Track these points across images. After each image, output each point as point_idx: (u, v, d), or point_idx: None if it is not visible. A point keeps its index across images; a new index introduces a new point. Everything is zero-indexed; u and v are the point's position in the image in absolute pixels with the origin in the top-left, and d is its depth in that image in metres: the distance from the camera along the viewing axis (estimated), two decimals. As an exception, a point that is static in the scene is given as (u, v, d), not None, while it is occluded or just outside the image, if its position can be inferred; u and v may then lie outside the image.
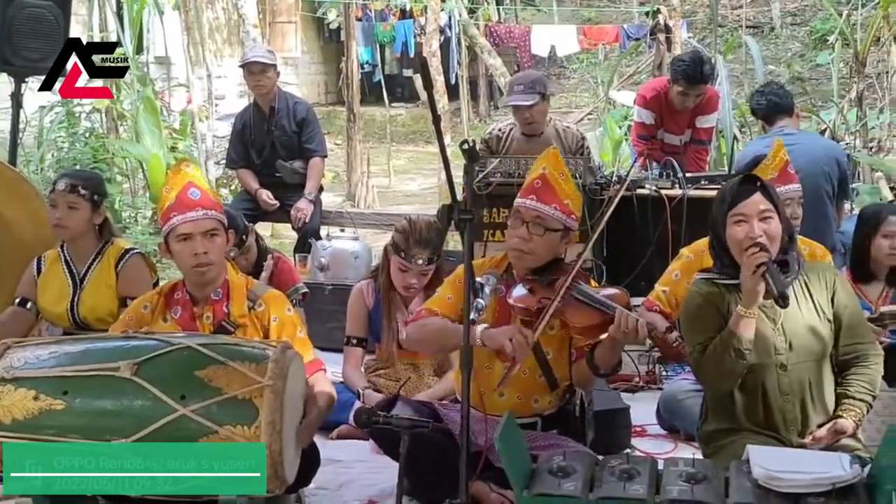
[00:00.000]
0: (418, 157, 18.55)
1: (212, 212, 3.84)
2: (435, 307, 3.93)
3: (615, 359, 3.77)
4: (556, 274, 3.82)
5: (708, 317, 3.73)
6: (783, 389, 3.67)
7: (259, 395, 3.18)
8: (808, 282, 3.76)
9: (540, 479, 3.15)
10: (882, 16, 10.00)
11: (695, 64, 6.87)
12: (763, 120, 6.58)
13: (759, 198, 3.66)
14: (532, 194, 3.84)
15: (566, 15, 22.23)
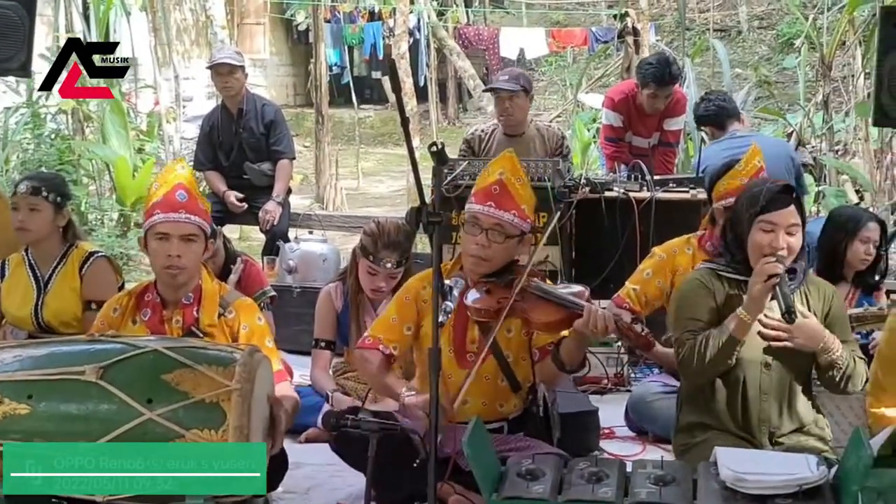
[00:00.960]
0: (387, 160, 18.52)
1: (195, 217, 3.81)
2: (380, 334, 3.90)
3: (581, 354, 3.77)
4: (512, 275, 3.81)
5: (702, 304, 3.75)
6: (763, 388, 3.71)
7: (226, 399, 3.17)
8: (809, 293, 3.79)
9: (509, 482, 3.15)
10: (847, 20, 10.07)
11: (662, 65, 6.91)
12: (713, 126, 6.65)
13: (792, 210, 3.66)
14: (490, 201, 3.79)
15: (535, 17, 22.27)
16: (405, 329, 3.90)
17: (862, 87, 10.47)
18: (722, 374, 3.71)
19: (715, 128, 6.65)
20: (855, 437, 3.06)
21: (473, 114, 21.45)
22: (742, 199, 3.81)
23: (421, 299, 3.91)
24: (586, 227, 6.31)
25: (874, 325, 4.71)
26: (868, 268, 5.17)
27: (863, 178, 9.79)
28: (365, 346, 3.91)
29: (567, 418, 4.34)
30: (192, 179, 3.97)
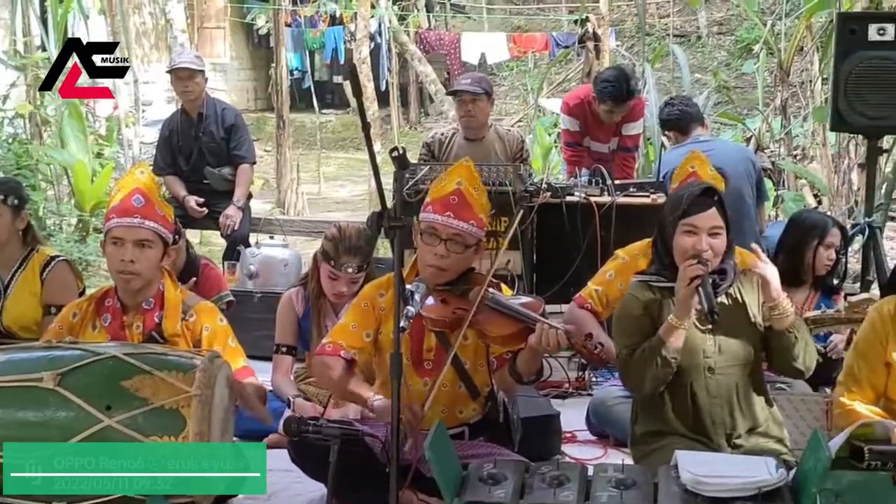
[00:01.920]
0: (348, 164, 18.49)
1: (150, 223, 3.79)
2: (341, 340, 3.87)
3: (536, 366, 3.75)
4: (468, 284, 3.81)
5: (640, 321, 3.77)
6: (711, 392, 3.72)
7: (186, 405, 3.15)
8: (742, 288, 3.81)
9: (471, 487, 3.15)
10: (805, 25, 10.16)
11: (619, 83, 6.89)
12: (676, 130, 6.68)
13: (714, 213, 3.70)
14: (448, 211, 3.77)
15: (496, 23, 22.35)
16: (365, 336, 3.87)
17: (819, 93, 10.56)
18: (669, 383, 3.72)
19: (678, 132, 6.69)
20: (814, 439, 3.09)
21: (435, 118, 21.48)
22: (666, 203, 3.88)
23: (378, 307, 3.89)
24: (547, 231, 6.32)
25: (831, 326, 4.77)
26: (828, 271, 5.26)
27: (820, 182, 9.88)
28: (325, 352, 3.86)
29: (529, 422, 4.35)
30: (153, 185, 3.94)
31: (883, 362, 3.69)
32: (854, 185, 8.72)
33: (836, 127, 6.10)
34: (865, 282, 5.83)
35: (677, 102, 6.79)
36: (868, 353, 3.73)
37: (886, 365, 3.69)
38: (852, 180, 8.80)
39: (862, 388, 3.72)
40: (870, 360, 3.72)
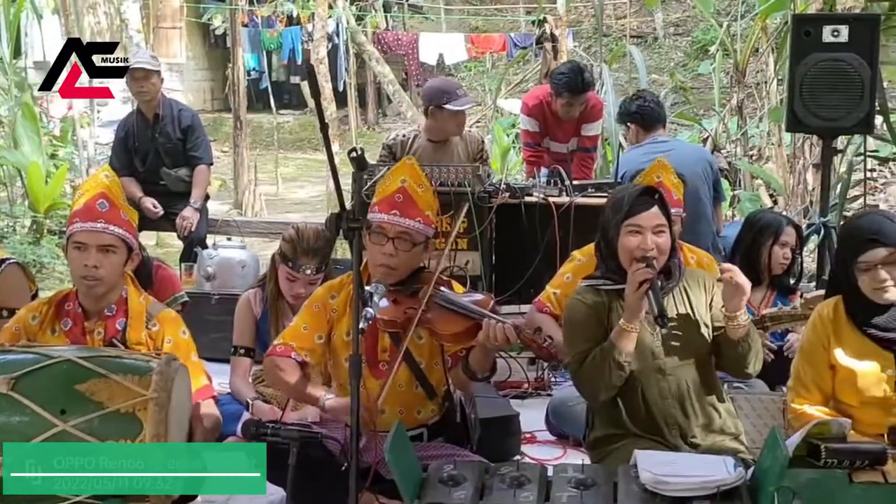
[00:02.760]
0: (306, 165, 18.44)
1: (114, 227, 3.74)
2: (292, 341, 3.83)
3: (489, 363, 3.75)
4: (418, 283, 3.80)
5: (589, 326, 3.77)
6: (663, 393, 3.73)
7: (143, 409, 3.12)
8: (689, 288, 3.83)
9: (431, 488, 3.14)
10: (760, 27, 10.25)
11: (575, 74, 6.96)
12: (640, 125, 6.65)
13: (657, 212, 3.72)
14: (394, 209, 3.76)
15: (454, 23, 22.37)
16: (317, 338, 3.85)
17: (775, 93, 10.66)
18: (621, 387, 3.73)
19: (642, 128, 6.65)
20: (771, 437, 3.11)
21: (393, 119, 21.48)
22: (607, 206, 3.88)
23: (330, 308, 3.87)
24: (506, 232, 6.33)
25: (788, 324, 4.80)
26: (784, 271, 5.31)
27: (776, 182, 9.97)
28: (276, 352, 3.82)
29: (488, 423, 4.35)
30: (117, 189, 3.88)
31: (827, 364, 3.73)
32: (809, 185, 8.80)
33: (792, 128, 6.16)
34: (821, 281, 5.88)
35: (649, 98, 6.79)
36: (812, 357, 3.77)
37: (831, 367, 3.73)
38: (807, 180, 8.88)
39: (810, 392, 3.75)
40: (814, 363, 3.76)
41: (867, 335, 3.67)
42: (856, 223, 3.76)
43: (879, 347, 3.66)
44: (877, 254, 3.56)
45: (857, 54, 5.54)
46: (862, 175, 8.29)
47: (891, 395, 3.64)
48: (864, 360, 3.67)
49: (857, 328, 3.70)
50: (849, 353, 3.69)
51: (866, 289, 3.62)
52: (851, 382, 3.69)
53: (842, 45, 5.57)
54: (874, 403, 3.65)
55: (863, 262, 3.59)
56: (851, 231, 3.74)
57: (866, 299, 3.64)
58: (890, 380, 3.64)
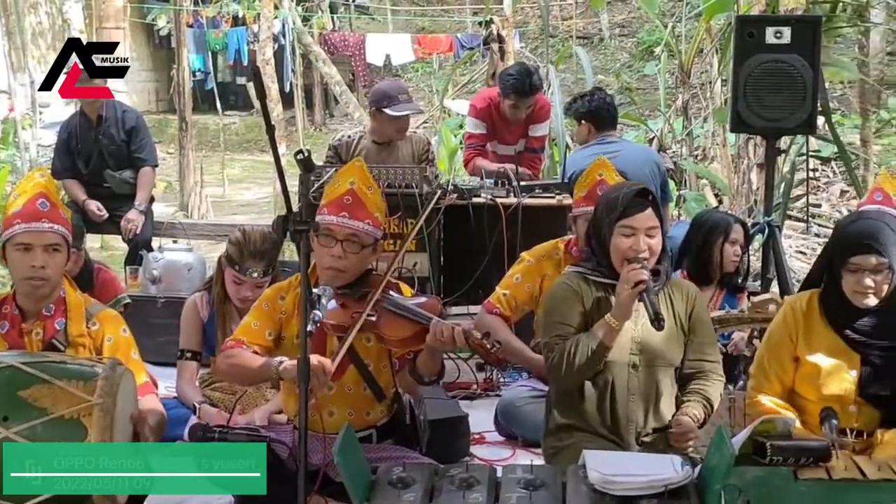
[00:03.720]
0: (253, 166, 18.34)
1: (58, 226, 3.73)
2: (242, 336, 3.81)
3: (437, 367, 3.77)
4: (367, 286, 3.80)
5: (571, 308, 3.81)
6: (631, 389, 3.78)
7: (87, 415, 3.09)
8: (672, 294, 3.89)
9: (380, 491, 3.14)
10: (704, 28, 10.33)
11: (522, 76, 6.96)
12: (597, 123, 6.66)
13: (650, 213, 3.76)
14: (343, 211, 3.76)
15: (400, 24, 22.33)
16: (267, 334, 3.83)
17: (719, 94, 10.76)
18: (591, 377, 3.76)
19: (594, 126, 6.66)
20: (717, 436, 3.13)
21: (340, 120, 21.41)
22: (601, 204, 3.90)
23: (279, 310, 3.85)
24: (454, 233, 6.34)
25: (735, 327, 4.87)
26: (735, 269, 5.36)
27: (721, 182, 10.05)
28: (227, 346, 3.82)
29: (437, 424, 4.35)
30: (53, 188, 3.87)
31: (792, 357, 3.79)
32: (753, 185, 8.88)
33: (736, 128, 6.21)
34: (766, 280, 5.94)
35: (606, 98, 6.83)
36: (778, 347, 3.82)
37: (795, 359, 3.78)
38: (752, 180, 8.96)
39: (770, 382, 3.82)
40: (779, 353, 3.82)
41: (841, 335, 3.72)
42: (855, 225, 3.75)
43: (849, 348, 3.71)
44: (868, 260, 3.60)
45: (800, 55, 5.60)
46: (804, 175, 8.40)
47: (850, 395, 3.70)
48: (831, 358, 3.72)
49: (830, 325, 3.74)
50: (816, 349, 3.74)
51: (848, 290, 3.65)
52: (813, 378, 3.73)
53: (784, 46, 5.62)
54: (832, 400, 3.70)
55: (853, 264, 3.62)
56: (849, 231, 3.75)
57: (845, 300, 3.68)
58: (853, 380, 3.69)
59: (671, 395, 3.87)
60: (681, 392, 3.89)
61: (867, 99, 11.34)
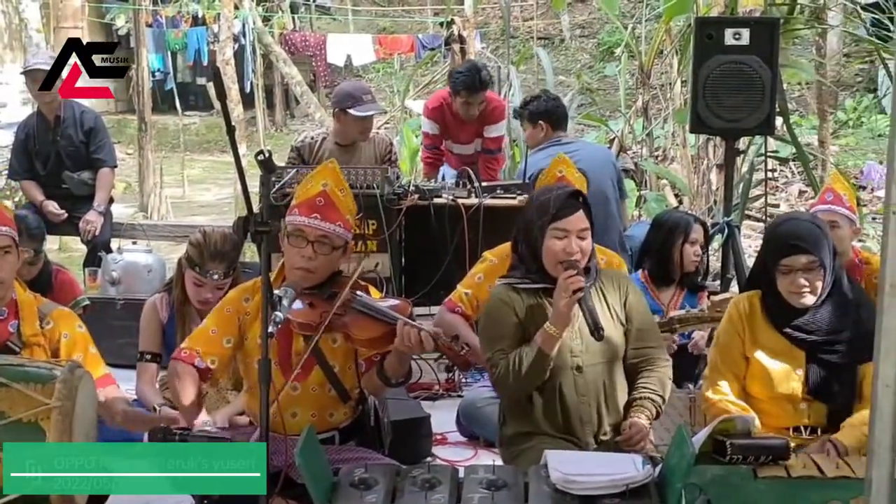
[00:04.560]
0: (213, 167, 18.25)
1: (5, 228, 3.71)
2: (198, 346, 3.77)
3: (404, 369, 3.75)
4: (335, 287, 3.78)
5: (505, 322, 3.79)
6: (579, 391, 3.77)
7: (46, 418, 3.07)
8: (604, 287, 3.88)
9: (342, 492, 3.13)
10: (664, 30, 10.39)
11: (472, 73, 7.03)
12: (549, 123, 6.70)
13: (582, 216, 3.75)
14: (315, 213, 3.74)
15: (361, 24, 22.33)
16: (225, 342, 3.80)
17: (679, 95, 10.82)
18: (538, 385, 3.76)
19: (552, 125, 6.70)
20: (678, 435, 3.15)
21: (301, 120, 21.36)
22: (531, 208, 3.89)
23: (243, 312, 3.83)
24: (416, 234, 6.34)
25: (695, 325, 4.90)
26: (695, 268, 5.40)
27: (681, 182, 10.12)
28: (181, 357, 3.76)
29: (399, 425, 4.34)
30: None
31: (741, 354, 3.85)
32: (713, 185, 8.95)
33: (696, 129, 6.25)
34: (725, 279, 5.99)
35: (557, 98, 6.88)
36: (728, 347, 3.88)
37: (746, 358, 3.83)
38: (711, 180, 9.04)
39: (725, 380, 3.86)
40: (730, 353, 3.87)
41: (783, 334, 3.77)
42: (782, 227, 3.84)
43: (793, 346, 3.76)
44: (798, 260, 3.67)
45: (759, 57, 5.64)
46: (763, 175, 8.47)
47: (798, 393, 3.75)
48: (777, 358, 3.78)
49: (773, 325, 3.80)
50: (762, 349, 3.80)
51: (784, 291, 3.72)
52: (763, 377, 3.79)
53: (743, 47, 5.66)
54: (783, 399, 3.76)
55: (784, 266, 3.69)
56: (777, 234, 3.83)
57: (784, 300, 3.74)
58: (800, 378, 3.75)
59: (623, 387, 3.86)
60: (630, 383, 3.88)
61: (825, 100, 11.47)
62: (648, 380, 3.83)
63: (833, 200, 4.97)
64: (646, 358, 3.86)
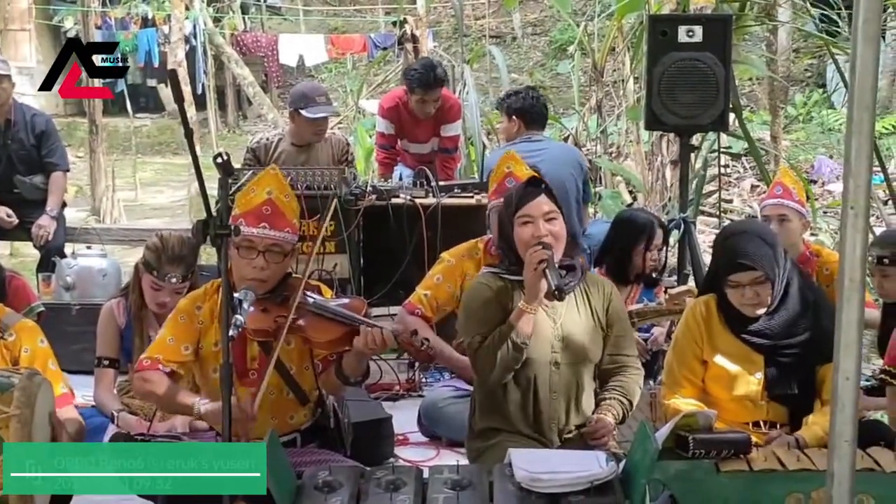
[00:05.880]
0: (165, 169, 18.09)
1: None
2: (158, 354, 3.75)
3: (363, 367, 3.76)
4: (287, 290, 3.77)
5: (490, 309, 3.82)
6: (553, 387, 3.80)
7: (5, 426, 3.04)
8: (588, 290, 3.92)
9: (306, 495, 3.12)
10: (616, 27, 10.44)
11: (427, 70, 7.04)
12: (523, 120, 6.69)
13: (544, 199, 3.80)
14: (263, 222, 3.72)
15: (313, 24, 22.25)
16: (184, 349, 3.77)
17: (632, 92, 10.88)
18: (515, 376, 3.78)
19: (526, 123, 6.68)
20: (641, 431, 3.18)
21: (254, 121, 21.24)
22: (503, 206, 3.99)
23: (197, 320, 3.80)
24: (374, 234, 6.33)
25: (653, 319, 4.94)
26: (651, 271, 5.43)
27: (636, 179, 10.18)
28: (144, 367, 3.73)
29: (361, 426, 4.34)
30: None
31: (699, 360, 3.90)
32: (668, 182, 9.01)
33: (651, 126, 6.29)
34: (682, 275, 6.03)
35: (543, 99, 6.88)
36: (685, 352, 3.93)
37: (703, 362, 3.89)
38: (666, 177, 9.09)
39: (682, 387, 3.91)
40: (686, 358, 3.91)
41: (740, 338, 3.82)
42: (729, 241, 3.88)
43: (751, 350, 3.81)
44: (745, 276, 3.73)
45: (712, 53, 5.69)
46: (716, 171, 8.55)
47: (757, 395, 3.80)
48: (736, 361, 3.84)
49: (729, 330, 3.86)
50: (721, 353, 3.86)
51: (735, 302, 3.79)
52: (722, 379, 3.85)
53: (697, 44, 5.70)
54: (741, 400, 3.82)
55: (732, 281, 3.76)
56: (725, 248, 3.88)
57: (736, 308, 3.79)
58: (759, 381, 3.80)
59: (591, 390, 3.91)
60: (600, 388, 3.94)
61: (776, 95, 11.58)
62: (619, 383, 3.90)
63: (782, 194, 5.02)
64: (620, 365, 3.93)
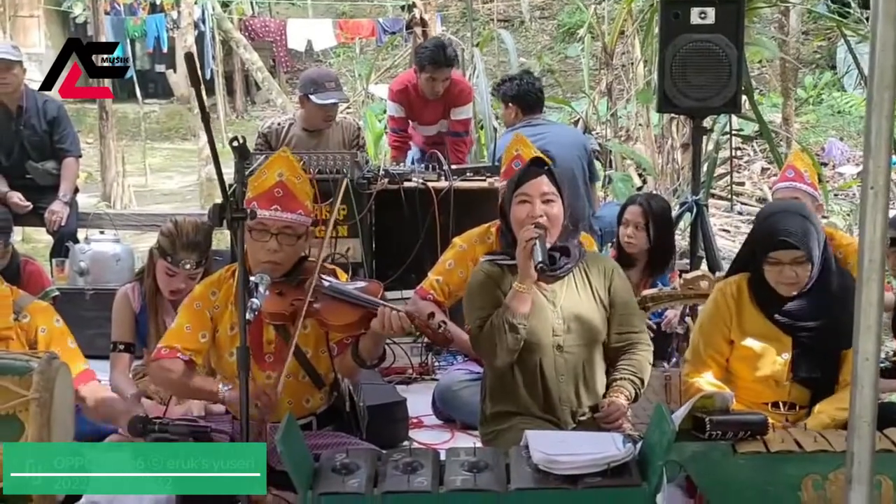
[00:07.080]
0: (175, 155, 18.12)
1: None
2: (176, 343, 3.77)
3: (380, 350, 3.78)
4: (303, 274, 3.78)
5: (488, 294, 3.83)
6: (559, 370, 3.80)
7: (24, 410, 3.05)
8: (588, 270, 3.91)
9: (324, 477, 3.12)
10: (626, 10, 10.43)
11: (437, 48, 7.04)
12: (519, 106, 6.70)
13: (544, 180, 3.80)
14: (275, 204, 3.73)
15: (321, 9, 22.20)
16: (200, 337, 3.78)
17: (642, 75, 10.86)
18: (519, 361, 3.78)
19: (522, 108, 6.70)
20: (657, 413, 3.17)
21: (262, 106, 21.25)
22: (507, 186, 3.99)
23: (212, 305, 3.81)
24: (386, 218, 6.33)
25: (668, 303, 4.92)
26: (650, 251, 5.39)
27: (646, 162, 10.18)
28: (162, 356, 3.75)
29: (375, 410, 4.35)
30: None
31: (726, 339, 3.89)
32: (678, 164, 9.00)
33: (663, 108, 6.28)
34: (695, 258, 6.02)
35: (537, 83, 6.87)
36: (712, 332, 3.91)
37: (730, 342, 3.87)
38: (676, 160, 9.09)
39: (707, 367, 3.90)
40: (713, 338, 3.90)
41: (770, 319, 3.81)
42: (772, 219, 3.86)
43: (780, 331, 3.81)
44: (786, 254, 3.71)
45: (724, 35, 5.68)
46: (727, 153, 8.54)
47: (782, 377, 3.80)
48: (764, 341, 3.82)
49: (760, 310, 3.83)
50: (749, 333, 3.85)
51: (771, 280, 3.77)
52: (749, 360, 3.84)
53: (709, 26, 5.69)
54: (765, 381, 3.82)
55: (772, 258, 3.74)
56: (767, 225, 3.85)
57: (771, 287, 3.79)
58: (785, 363, 3.79)
59: (602, 370, 3.90)
60: (611, 366, 3.92)
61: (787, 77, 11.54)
62: (629, 362, 3.87)
63: (794, 177, 5.01)
64: (628, 342, 3.91)
